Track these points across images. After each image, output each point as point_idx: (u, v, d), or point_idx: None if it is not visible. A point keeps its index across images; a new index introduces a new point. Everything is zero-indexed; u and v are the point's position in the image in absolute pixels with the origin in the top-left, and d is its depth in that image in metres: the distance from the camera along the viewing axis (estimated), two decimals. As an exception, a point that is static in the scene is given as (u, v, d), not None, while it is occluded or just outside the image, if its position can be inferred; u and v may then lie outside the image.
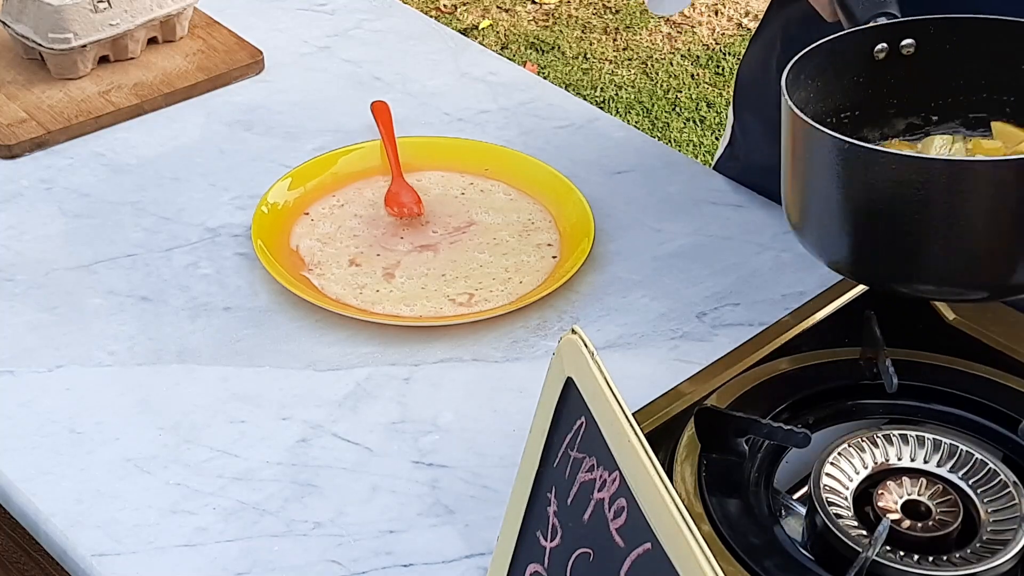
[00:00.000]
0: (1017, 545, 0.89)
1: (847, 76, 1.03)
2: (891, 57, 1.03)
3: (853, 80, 1.03)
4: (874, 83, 1.04)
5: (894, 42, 1.02)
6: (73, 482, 1.02)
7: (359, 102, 1.43)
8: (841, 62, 1.02)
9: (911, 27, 1.02)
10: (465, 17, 3.62)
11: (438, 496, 1.01)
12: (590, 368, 0.74)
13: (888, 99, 1.06)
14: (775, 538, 0.91)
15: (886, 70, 1.03)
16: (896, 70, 1.03)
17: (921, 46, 1.02)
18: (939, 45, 1.03)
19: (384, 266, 1.21)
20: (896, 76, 1.04)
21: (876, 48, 1.02)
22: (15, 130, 1.36)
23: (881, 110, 1.06)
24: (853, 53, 1.02)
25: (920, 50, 1.02)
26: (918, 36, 1.02)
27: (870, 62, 1.02)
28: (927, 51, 1.03)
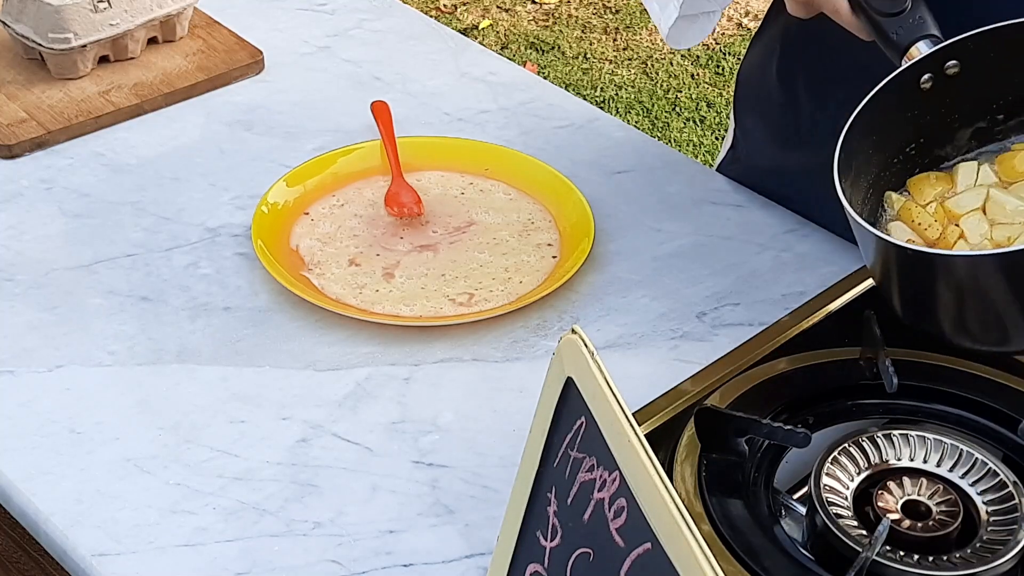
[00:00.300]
0: (1017, 545, 0.89)
1: (900, 116, 1.02)
2: (938, 82, 1.01)
3: (906, 116, 1.02)
4: (929, 111, 1.03)
5: (937, 68, 1.01)
6: (73, 482, 1.02)
7: (359, 102, 1.43)
8: (890, 109, 1.01)
9: (951, 50, 1.00)
10: (465, 17, 3.62)
11: (438, 496, 1.01)
12: (590, 368, 0.74)
13: (948, 118, 1.05)
14: (775, 538, 0.91)
15: (937, 95, 1.02)
16: (947, 92, 1.02)
17: (965, 63, 1.01)
18: (983, 57, 1.01)
19: (384, 266, 1.21)
20: (949, 96, 1.03)
21: (922, 80, 1.01)
22: (15, 130, 1.36)
23: (944, 130, 1.05)
24: (897, 96, 1.00)
25: (965, 66, 1.01)
26: (959, 55, 1.00)
27: (918, 94, 1.01)
28: (972, 65, 1.01)
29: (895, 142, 1.04)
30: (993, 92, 1.05)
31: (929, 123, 1.04)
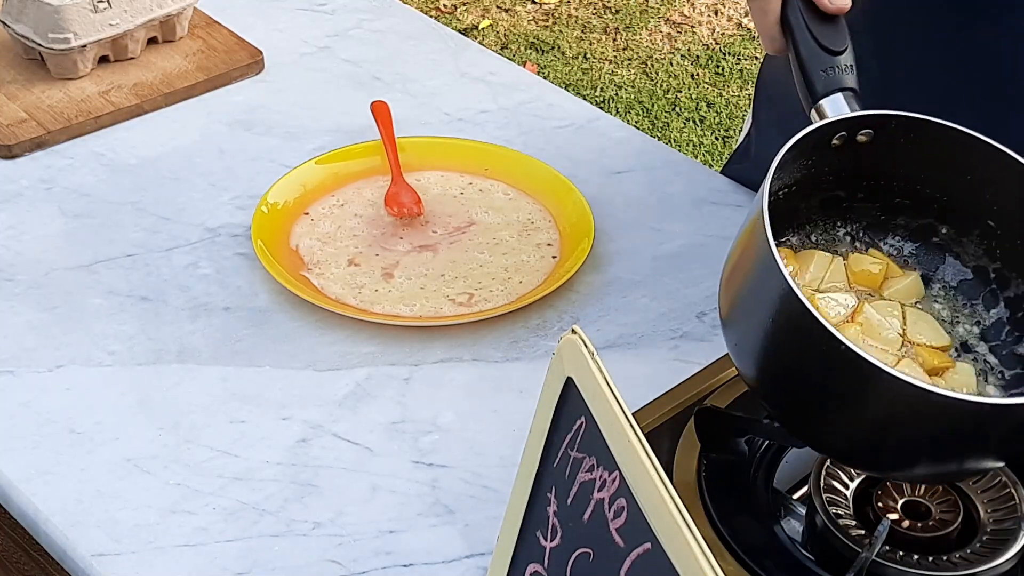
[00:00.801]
0: (1017, 545, 0.89)
1: (799, 162, 0.95)
2: (846, 144, 0.95)
3: (802, 162, 0.96)
4: (819, 165, 0.96)
5: (853, 132, 0.95)
6: (73, 482, 1.02)
7: (359, 102, 1.43)
8: (796, 153, 0.94)
9: (871, 120, 0.94)
10: (465, 17, 3.62)
11: (438, 496, 1.01)
12: (590, 368, 0.74)
13: (825, 177, 0.98)
14: (775, 538, 0.91)
15: (836, 153, 0.95)
16: (845, 154, 0.96)
17: (877, 138, 0.95)
18: (895, 139, 0.95)
19: (383, 266, 1.21)
20: (856, 161, 0.97)
21: (834, 138, 0.94)
22: (15, 130, 1.36)
23: (815, 184, 0.98)
24: (811, 145, 0.94)
25: (875, 139, 0.95)
26: (877, 128, 0.95)
27: (826, 149, 0.95)
28: (881, 142, 0.95)
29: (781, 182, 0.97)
30: (879, 177, 0.99)
31: (814, 176, 0.97)
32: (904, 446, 0.86)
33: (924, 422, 0.83)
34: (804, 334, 0.83)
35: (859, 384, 0.82)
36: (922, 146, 0.95)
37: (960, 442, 0.84)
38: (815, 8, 0.97)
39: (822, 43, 0.96)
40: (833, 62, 0.96)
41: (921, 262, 1.01)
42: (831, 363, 0.82)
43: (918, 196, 0.99)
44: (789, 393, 0.90)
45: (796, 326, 0.84)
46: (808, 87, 0.96)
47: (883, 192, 0.99)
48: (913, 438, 0.85)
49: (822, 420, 0.88)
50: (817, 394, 0.86)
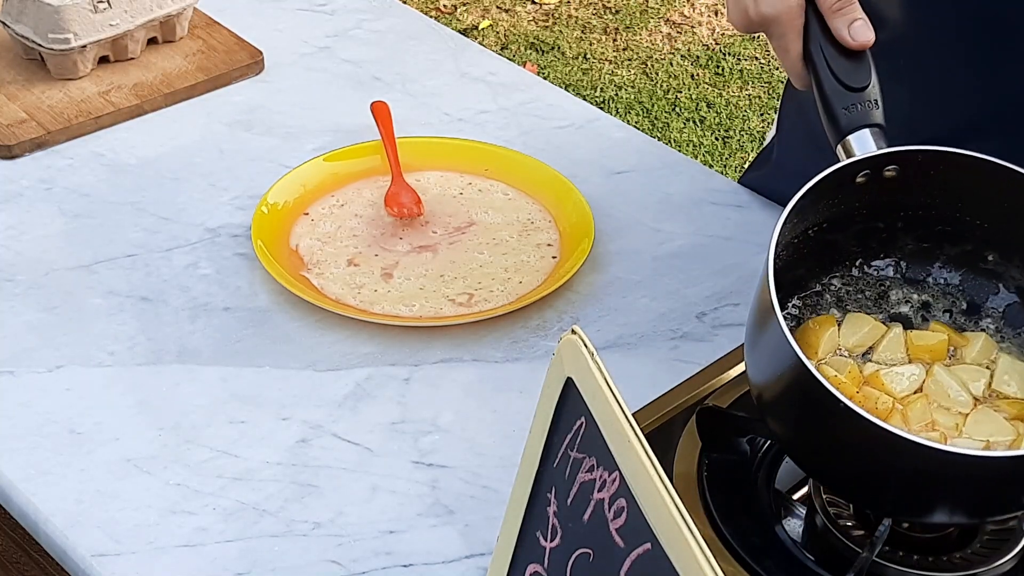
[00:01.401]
0: (1017, 545, 0.89)
1: (829, 206, 0.95)
2: (873, 180, 0.94)
3: (829, 202, 0.95)
4: (848, 200, 0.96)
5: (878, 168, 0.94)
6: (73, 482, 1.02)
7: (359, 102, 1.43)
8: (821, 199, 0.94)
9: (897, 156, 0.93)
10: (465, 17, 3.62)
11: (438, 496, 1.01)
12: (590, 368, 0.74)
13: (859, 212, 0.97)
14: (775, 538, 0.91)
15: (864, 189, 0.95)
16: (881, 191, 0.95)
17: (904, 172, 0.94)
18: (924, 172, 0.94)
19: (382, 266, 1.21)
20: (882, 196, 0.96)
21: (858, 176, 0.93)
22: (15, 130, 1.36)
23: (848, 218, 0.98)
24: (831, 184, 0.93)
25: (902, 174, 0.94)
26: (902, 163, 0.93)
27: (851, 186, 0.94)
28: (909, 176, 0.94)
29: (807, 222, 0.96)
30: (923, 212, 0.98)
31: (843, 212, 0.96)
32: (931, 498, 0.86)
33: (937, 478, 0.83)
34: (810, 395, 0.83)
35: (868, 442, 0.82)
36: (953, 177, 0.94)
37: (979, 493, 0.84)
38: (837, 44, 0.95)
39: (843, 80, 0.95)
40: (856, 98, 0.94)
41: (967, 291, 1.00)
42: (841, 425, 0.82)
43: (959, 223, 0.98)
44: (815, 452, 0.90)
45: (803, 388, 0.84)
46: (832, 124, 0.95)
47: (922, 221, 0.98)
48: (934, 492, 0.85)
49: (846, 477, 0.89)
50: (837, 454, 0.87)
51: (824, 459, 0.89)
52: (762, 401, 0.91)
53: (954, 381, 0.93)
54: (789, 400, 0.88)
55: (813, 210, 0.93)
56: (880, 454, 0.82)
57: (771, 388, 0.89)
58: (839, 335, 0.96)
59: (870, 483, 0.87)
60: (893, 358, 0.95)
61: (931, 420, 0.91)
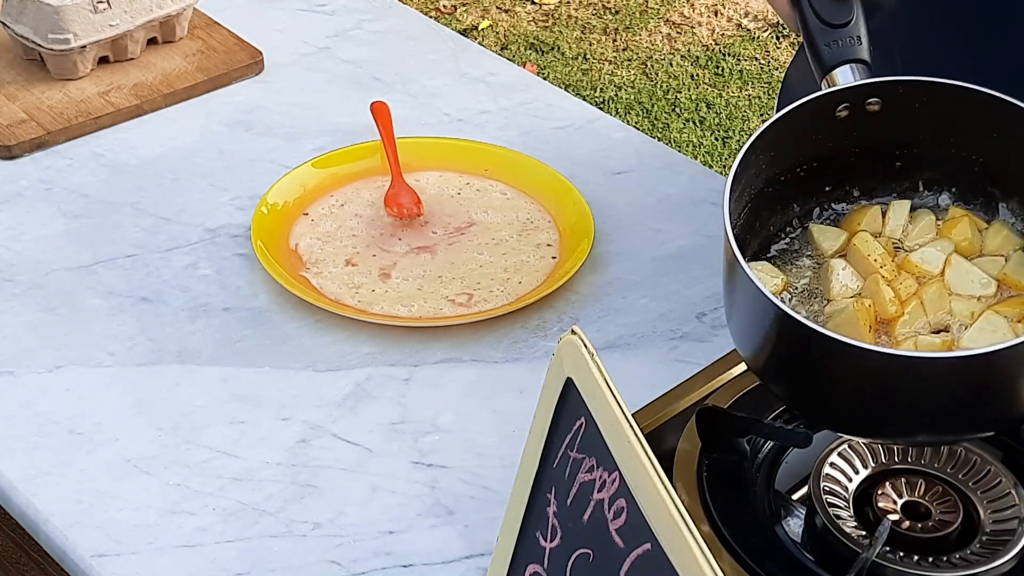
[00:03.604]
0: (1017, 545, 0.89)
1: (806, 137, 0.96)
2: (855, 114, 0.95)
3: (812, 138, 0.96)
4: (837, 138, 0.97)
5: (858, 101, 0.95)
6: (73, 482, 1.02)
7: (359, 102, 1.43)
8: (798, 128, 0.95)
9: (876, 87, 0.95)
10: (465, 17, 3.62)
11: (438, 496, 1.01)
12: (590, 368, 0.74)
13: (853, 150, 0.99)
14: (775, 538, 0.91)
15: (850, 126, 0.96)
16: (862, 125, 0.96)
17: (887, 104, 0.95)
18: (908, 105, 0.95)
19: (381, 266, 1.21)
20: (863, 130, 0.97)
21: (838, 108, 0.95)
22: (15, 130, 1.36)
23: (844, 161, 0.99)
24: (811, 117, 0.95)
25: (886, 107, 0.95)
26: (883, 95, 0.95)
27: (832, 120, 0.95)
28: (894, 109, 0.95)
29: (790, 160, 0.98)
30: (906, 142, 0.99)
31: (831, 149, 0.98)
32: (895, 411, 0.87)
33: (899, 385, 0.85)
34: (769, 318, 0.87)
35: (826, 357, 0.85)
36: (939, 110, 0.95)
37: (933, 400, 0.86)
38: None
39: (824, 18, 0.97)
40: (838, 35, 0.96)
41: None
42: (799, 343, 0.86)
43: (955, 160, 0.99)
44: (784, 375, 0.92)
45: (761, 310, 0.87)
46: (816, 61, 0.96)
47: (917, 160, 1.00)
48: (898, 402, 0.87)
49: (813, 396, 0.91)
50: (800, 372, 0.90)
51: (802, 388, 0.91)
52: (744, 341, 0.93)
53: (974, 267, 0.94)
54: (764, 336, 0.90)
55: (797, 146, 0.95)
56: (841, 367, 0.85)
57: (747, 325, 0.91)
58: (874, 222, 0.98)
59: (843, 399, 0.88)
60: (923, 240, 0.97)
61: (948, 308, 0.92)
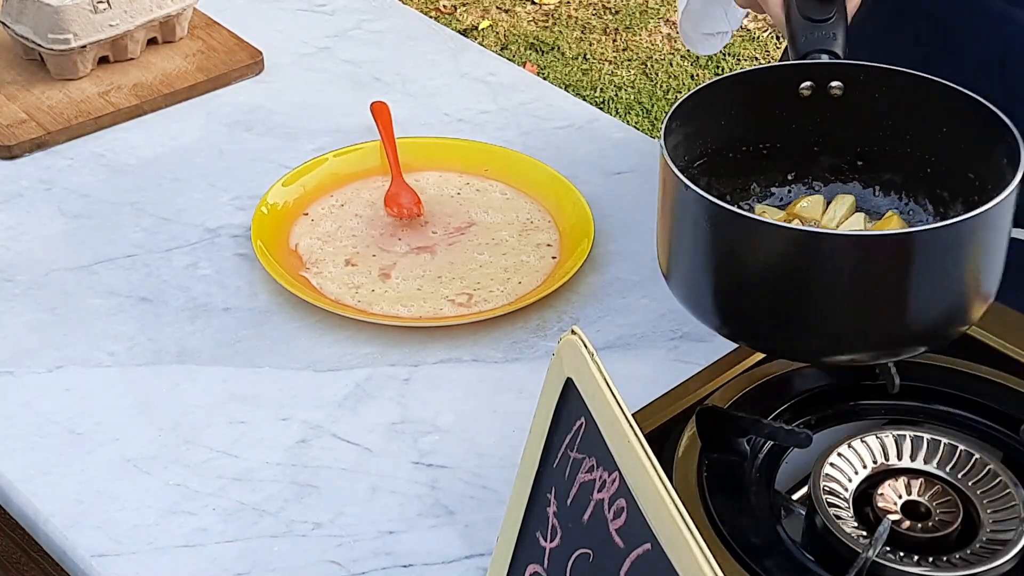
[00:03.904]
0: (1017, 545, 0.89)
1: (770, 108, 1.00)
2: (817, 95, 0.99)
3: (775, 112, 1.00)
4: (798, 118, 1.00)
5: (822, 82, 0.98)
6: (73, 482, 1.02)
7: (359, 102, 1.43)
8: (763, 95, 0.99)
9: (842, 70, 0.98)
10: (465, 17, 3.62)
11: (438, 496, 1.01)
12: (590, 369, 0.74)
13: (813, 135, 1.02)
14: (775, 538, 0.91)
15: (811, 106, 0.99)
16: (823, 108, 1.00)
17: (849, 89, 0.98)
18: (869, 93, 0.99)
19: (380, 266, 1.21)
20: (822, 115, 1.00)
21: (802, 85, 0.99)
22: (15, 130, 1.36)
23: (804, 145, 1.03)
24: (776, 87, 0.98)
25: (848, 93, 0.98)
26: (847, 80, 0.98)
27: (795, 97, 0.99)
28: (855, 96, 0.98)
29: (753, 127, 1.01)
30: (865, 135, 1.02)
31: (795, 133, 1.01)
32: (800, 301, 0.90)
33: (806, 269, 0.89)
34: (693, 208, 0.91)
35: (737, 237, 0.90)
36: (896, 98, 0.98)
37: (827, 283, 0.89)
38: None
39: (806, 14, 1.00)
40: (817, 28, 0.99)
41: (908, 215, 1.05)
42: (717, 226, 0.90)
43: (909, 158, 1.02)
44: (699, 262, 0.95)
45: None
46: (792, 49, 1.00)
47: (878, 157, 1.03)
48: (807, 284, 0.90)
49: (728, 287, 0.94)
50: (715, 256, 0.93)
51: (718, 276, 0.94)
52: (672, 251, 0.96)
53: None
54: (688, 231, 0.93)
55: (761, 110, 0.99)
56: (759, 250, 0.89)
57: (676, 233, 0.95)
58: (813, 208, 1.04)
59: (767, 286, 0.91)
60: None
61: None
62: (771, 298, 0.91)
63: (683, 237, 0.94)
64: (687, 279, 0.96)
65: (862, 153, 1.04)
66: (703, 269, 0.94)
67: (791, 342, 0.94)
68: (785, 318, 0.92)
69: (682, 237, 0.94)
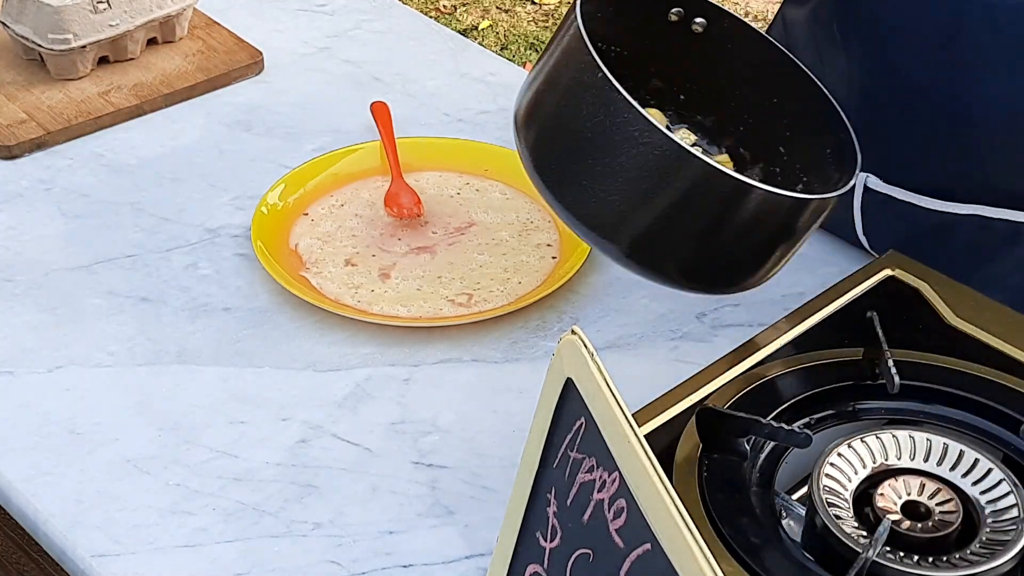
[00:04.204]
0: (1017, 545, 0.89)
1: (640, 17, 1.05)
2: (681, 26, 1.04)
3: (645, 27, 1.05)
4: (663, 39, 1.06)
5: (689, 14, 1.04)
6: (73, 482, 1.02)
7: (358, 102, 1.43)
8: (640, 6, 1.05)
9: (711, 9, 1.03)
10: (465, 17, 3.62)
11: (438, 497, 1.01)
12: (590, 368, 0.74)
13: (652, 59, 1.07)
14: (775, 538, 0.91)
15: (674, 37, 1.05)
16: (682, 42, 1.05)
17: (708, 31, 1.04)
18: (722, 41, 1.04)
19: (380, 266, 1.21)
20: (681, 48, 1.06)
21: (672, 10, 1.04)
22: (15, 130, 1.36)
23: (643, 64, 1.08)
24: (647, 10, 1.05)
25: (706, 34, 1.04)
26: (711, 19, 1.03)
27: (663, 19, 1.05)
28: (711, 39, 1.04)
29: (627, 38, 1.06)
30: (701, 72, 1.07)
31: (661, 53, 1.07)
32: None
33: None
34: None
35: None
36: (742, 54, 1.04)
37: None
38: None
39: None
40: None
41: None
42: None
43: (730, 110, 1.08)
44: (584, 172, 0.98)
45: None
46: None
47: (714, 102, 1.09)
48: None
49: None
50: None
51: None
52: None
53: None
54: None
55: (632, 23, 1.05)
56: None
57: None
58: None
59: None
60: None
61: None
62: (606, 179, 0.95)
63: (553, 94, 0.98)
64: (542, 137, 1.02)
65: (689, 89, 1.09)
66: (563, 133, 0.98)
67: (602, 216, 0.98)
68: (604, 190, 0.96)
69: (552, 94, 0.98)
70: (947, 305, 1.08)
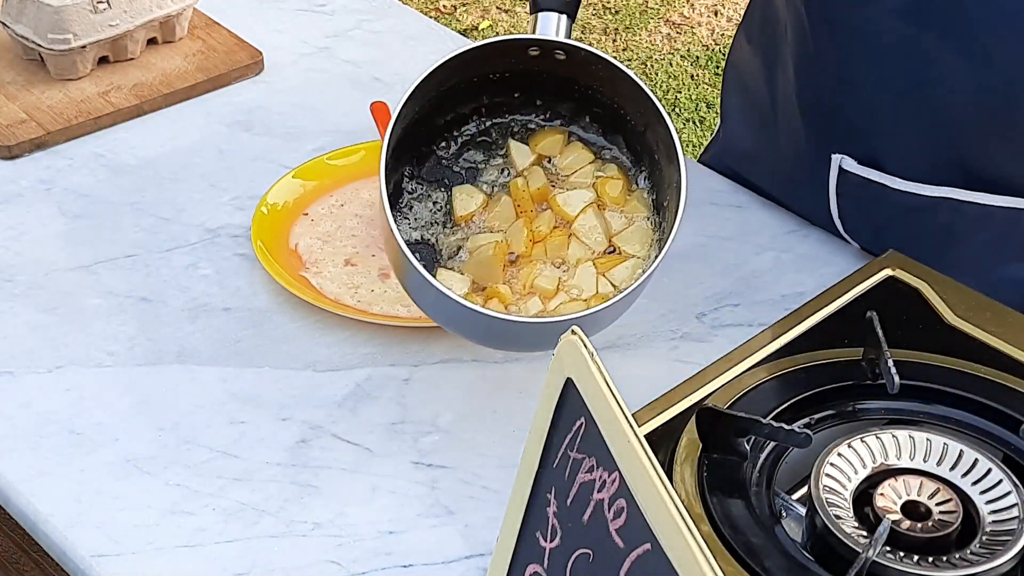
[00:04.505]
0: (1017, 545, 0.89)
1: (496, 61, 1.11)
2: (544, 56, 1.08)
3: (502, 60, 1.10)
4: (524, 63, 1.09)
5: (548, 50, 1.07)
6: (72, 482, 1.02)
7: (359, 103, 1.43)
8: (490, 58, 1.10)
9: (566, 47, 1.07)
10: (465, 17, 3.62)
11: (438, 497, 1.01)
12: (590, 369, 0.74)
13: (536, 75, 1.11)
14: (775, 538, 0.91)
15: (538, 60, 1.09)
16: (548, 64, 1.09)
17: (571, 59, 1.07)
18: (587, 66, 1.07)
19: (380, 266, 1.21)
20: (548, 68, 1.09)
21: (530, 49, 1.08)
22: (15, 130, 1.36)
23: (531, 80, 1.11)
24: (504, 52, 1.08)
25: (569, 61, 1.08)
26: (570, 54, 1.07)
27: (523, 54, 1.08)
28: (576, 64, 1.08)
29: (480, 71, 1.12)
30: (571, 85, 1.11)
31: (522, 70, 1.10)
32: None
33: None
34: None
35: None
36: (606, 80, 1.08)
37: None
38: None
39: None
40: None
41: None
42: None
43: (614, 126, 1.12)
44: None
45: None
46: (531, 4, 1.10)
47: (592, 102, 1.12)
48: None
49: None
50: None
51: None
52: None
53: (597, 225, 1.10)
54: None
55: (486, 65, 1.11)
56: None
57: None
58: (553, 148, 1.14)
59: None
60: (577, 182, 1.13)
61: (565, 252, 1.10)
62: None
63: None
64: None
65: (580, 95, 1.12)
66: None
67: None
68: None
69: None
70: (947, 305, 1.09)
